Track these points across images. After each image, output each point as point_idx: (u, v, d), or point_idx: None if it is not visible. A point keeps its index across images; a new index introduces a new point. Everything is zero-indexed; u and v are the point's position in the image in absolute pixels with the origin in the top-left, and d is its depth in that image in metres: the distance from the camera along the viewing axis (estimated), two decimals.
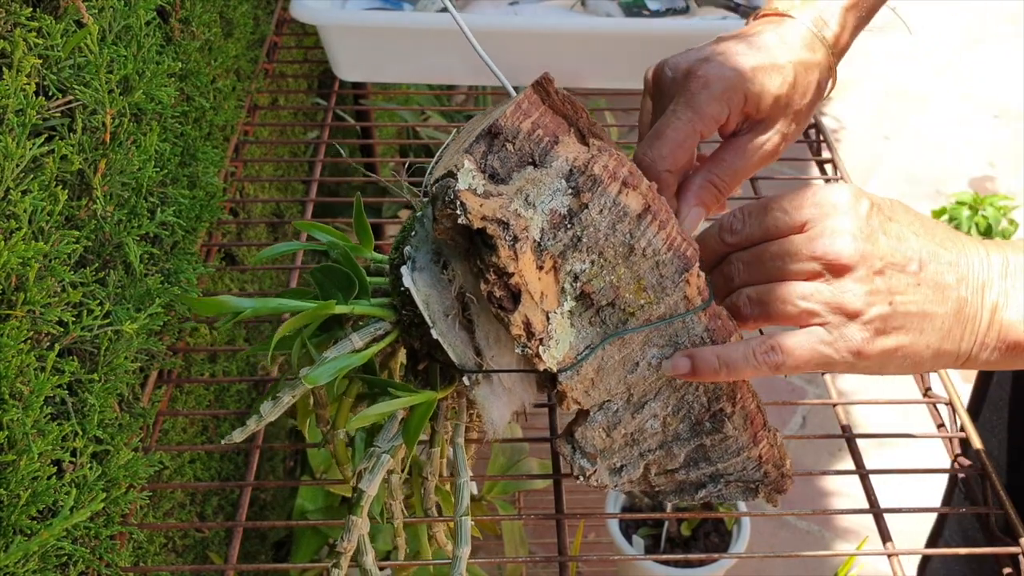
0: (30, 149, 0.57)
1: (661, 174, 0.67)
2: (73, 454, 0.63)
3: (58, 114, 0.64)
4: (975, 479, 0.78)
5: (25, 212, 0.57)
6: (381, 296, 0.66)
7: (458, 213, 0.55)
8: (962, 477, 0.81)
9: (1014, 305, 0.57)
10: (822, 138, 1.12)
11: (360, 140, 1.51)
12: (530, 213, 0.57)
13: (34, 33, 0.59)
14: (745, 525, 1.40)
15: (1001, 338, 0.57)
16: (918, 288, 0.57)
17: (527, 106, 0.60)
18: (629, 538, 1.42)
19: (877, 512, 0.74)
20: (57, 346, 0.61)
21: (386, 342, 0.65)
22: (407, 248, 0.62)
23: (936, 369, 0.61)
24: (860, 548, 1.64)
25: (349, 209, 0.71)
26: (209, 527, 1.01)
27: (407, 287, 0.61)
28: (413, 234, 0.63)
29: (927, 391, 0.85)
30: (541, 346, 0.59)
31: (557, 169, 0.58)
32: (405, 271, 0.61)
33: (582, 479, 0.66)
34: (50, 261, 0.60)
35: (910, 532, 1.25)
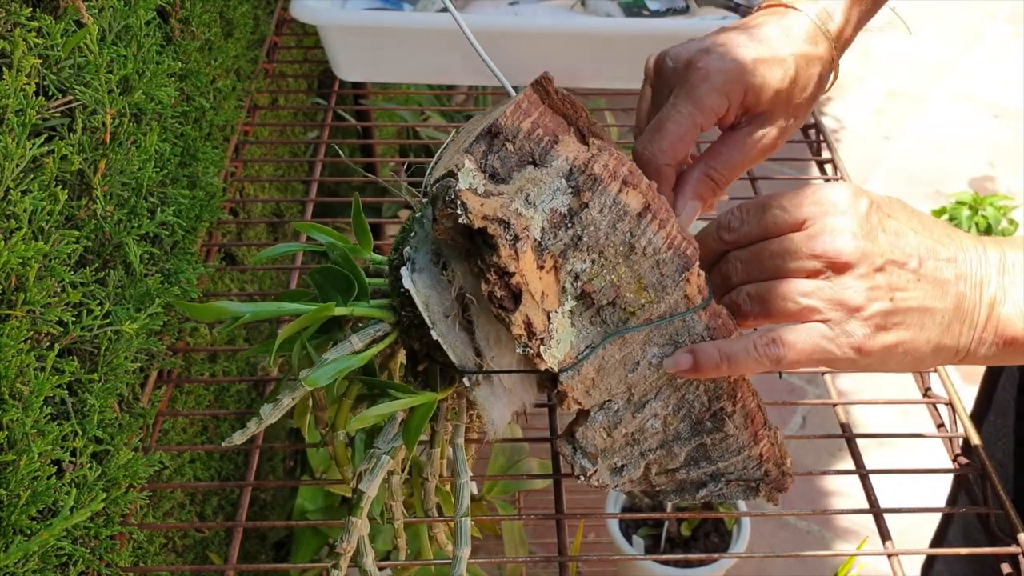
0: (30, 149, 0.57)
1: (661, 168, 0.67)
2: (73, 454, 0.63)
3: (58, 114, 0.64)
4: (975, 479, 0.78)
5: (25, 212, 0.57)
6: (380, 297, 0.66)
7: (459, 213, 0.55)
8: (961, 477, 0.81)
9: (1011, 300, 0.58)
10: (822, 138, 1.12)
11: (360, 140, 1.51)
12: (531, 212, 0.57)
13: (34, 33, 0.59)
14: (745, 525, 1.39)
15: (999, 333, 0.58)
16: (918, 284, 0.57)
17: (527, 106, 0.59)
18: (629, 538, 1.42)
19: (877, 512, 0.74)
20: (57, 346, 0.61)
21: (385, 343, 0.65)
22: (407, 249, 0.62)
23: (935, 365, 0.61)
24: (860, 548, 1.64)
25: (349, 209, 0.71)
26: (209, 527, 1.01)
27: (407, 288, 0.61)
28: (412, 235, 0.63)
29: (927, 391, 0.85)
30: (542, 346, 0.59)
31: (557, 168, 0.58)
32: (405, 272, 0.61)
33: (583, 479, 0.66)
34: (50, 261, 0.60)
35: (910, 532, 1.25)
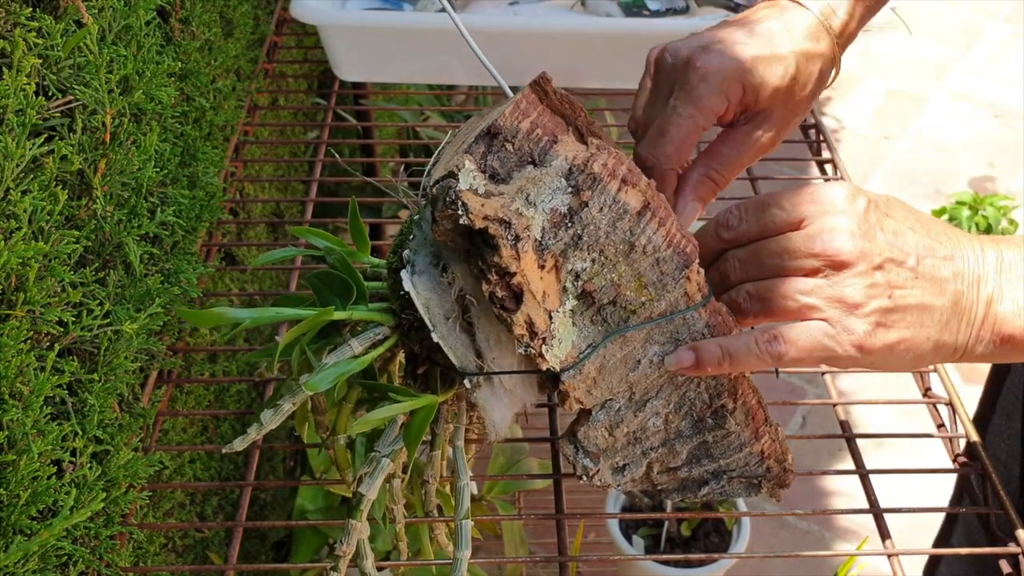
0: (30, 149, 0.57)
1: (666, 173, 0.67)
2: (73, 454, 0.63)
3: (58, 114, 0.64)
4: (975, 479, 0.78)
5: (25, 212, 0.57)
6: (379, 301, 0.66)
7: (459, 214, 0.55)
8: (962, 476, 0.81)
9: (1009, 298, 0.58)
10: (822, 138, 1.12)
11: (360, 140, 1.51)
12: (531, 212, 0.57)
13: (34, 33, 0.59)
14: (745, 525, 1.39)
15: (996, 331, 0.58)
16: (916, 282, 0.57)
17: (525, 106, 0.59)
18: (629, 538, 1.42)
19: (877, 512, 0.74)
20: (57, 346, 0.61)
21: (385, 347, 0.65)
22: (406, 252, 0.62)
23: (935, 363, 0.61)
24: (860, 548, 1.64)
25: (349, 209, 0.71)
26: (209, 527, 1.01)
27: (407, 291, 0.60)
28: (411, 238, 0.63)
29: (927, 391, 0.85)
30: (544, 345, 0.59)
31: (557, 168, 0.58)
32: (405, 275, 0.61)
33: (585, 479, 0.66)
34: (50, 261, 0.60)
35: (910, 532, 1.25)
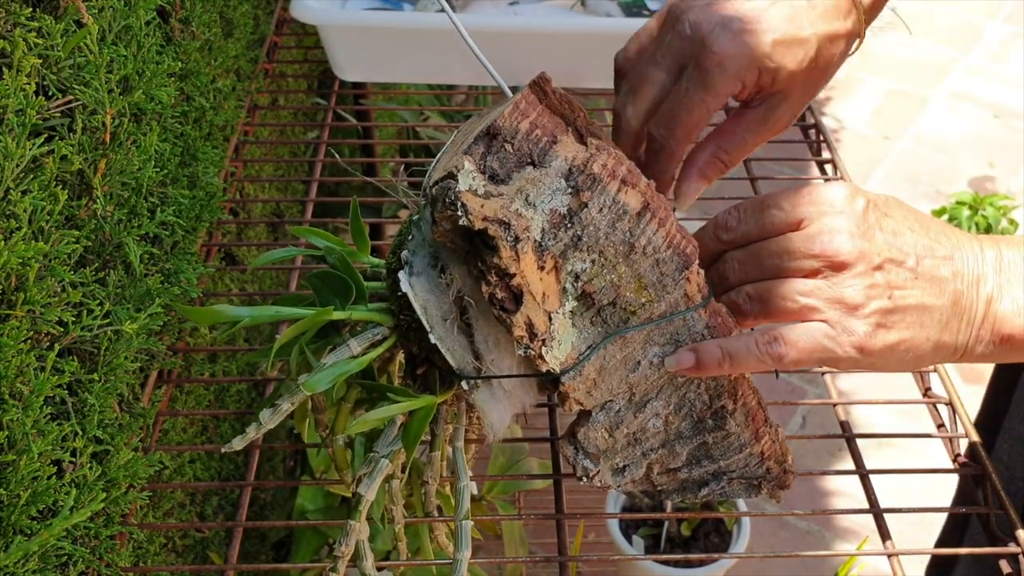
0: (30, 149, 0.57)
1: (675, 151, 0.66)
2: (73, 454, 0.63)
3: (58, 114, 0.64)
4: (976, 479, 0.78)
5: (25, 212, 0.57)
6: (378, 301, 0.66)
7: (459, 215, 0.55)
8: (962, 476, 0.81)
9: (1008, 298, 0.58)
10: (822, 138, 1.12)
11: (360, 140, 1.51)
12: (531, 213, 0.57)
13: (34, 33, 0.59)
14: (745, 525, 1.39)
15: (995, 331, 0.58)
16: (915, 282, 0.57)
17: (525, 106, 0.59)
18: (629, 538, 1.42)
19: (877, 512, 0.74)
20: (57, 346, 0.61)
21: (384, 347, 0.65)
22: (404, 253, 0.62)
23: (935, 363, 0.61)
24: (860, 548, 1.64)
25: (349, 209, 0.71)
26: (209, 527, 1.01)
27: (405, 292, 0.60)
28: (410, 238, 0.63)
29: (927, 391, 0.85)
30: (544, 347, 0.59)
31: (556, 169, 0.58)
32: (402, 276, 0.61)
33: (585, 480, 0.66)
34: (50, 261, 0.60)
35: (910, 532, 1.25)
